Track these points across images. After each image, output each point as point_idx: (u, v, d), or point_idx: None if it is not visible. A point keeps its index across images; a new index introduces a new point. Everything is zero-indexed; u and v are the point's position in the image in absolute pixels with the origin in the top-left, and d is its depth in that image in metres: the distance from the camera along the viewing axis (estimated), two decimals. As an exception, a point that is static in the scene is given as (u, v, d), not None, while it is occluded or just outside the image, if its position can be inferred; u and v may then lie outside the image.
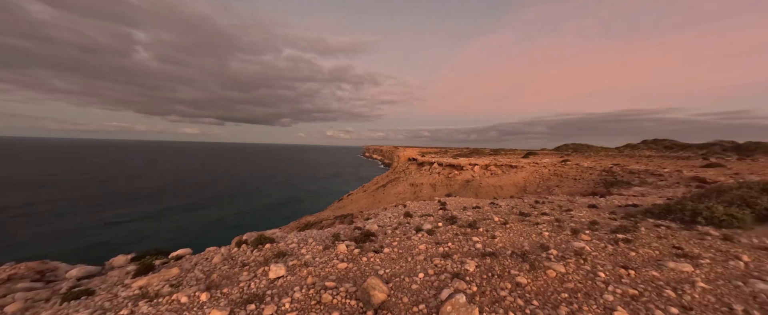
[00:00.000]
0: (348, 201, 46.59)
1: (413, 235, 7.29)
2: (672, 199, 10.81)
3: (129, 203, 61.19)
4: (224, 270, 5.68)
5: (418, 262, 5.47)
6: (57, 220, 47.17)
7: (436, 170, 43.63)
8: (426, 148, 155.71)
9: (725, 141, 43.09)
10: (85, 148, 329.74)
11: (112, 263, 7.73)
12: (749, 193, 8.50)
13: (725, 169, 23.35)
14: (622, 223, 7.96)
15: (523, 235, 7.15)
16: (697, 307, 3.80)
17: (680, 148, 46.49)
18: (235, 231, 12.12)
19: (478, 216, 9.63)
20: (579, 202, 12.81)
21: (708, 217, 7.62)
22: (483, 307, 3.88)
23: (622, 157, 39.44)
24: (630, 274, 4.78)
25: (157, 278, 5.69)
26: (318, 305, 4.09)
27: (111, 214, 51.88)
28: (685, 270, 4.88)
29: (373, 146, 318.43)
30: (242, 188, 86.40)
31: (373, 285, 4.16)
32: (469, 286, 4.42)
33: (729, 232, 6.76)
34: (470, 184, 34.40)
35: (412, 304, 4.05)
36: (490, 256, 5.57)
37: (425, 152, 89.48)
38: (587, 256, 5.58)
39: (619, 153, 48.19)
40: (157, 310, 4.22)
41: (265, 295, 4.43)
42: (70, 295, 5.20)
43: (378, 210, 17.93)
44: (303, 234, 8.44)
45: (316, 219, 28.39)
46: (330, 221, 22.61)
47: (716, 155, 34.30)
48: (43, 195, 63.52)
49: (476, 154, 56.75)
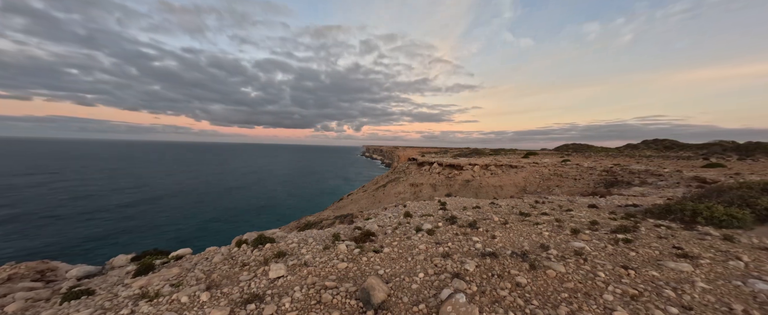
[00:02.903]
0: (348, 201, 46.57)
1: (413, 234, 7.29)
2: (672, 199, 10.81)
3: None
4: (224, 270, 5.68)
5: (418, 262, 5.47)
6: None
7: (436, 170, 43.61)
8: (426, 148, 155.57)
9: (725, 141, 43.08)
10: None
11: (112, 263, 7.73)
12: (749, 193, 8.50)
13: (726, 169, 23.34)
14: (622, 223, 7.96)
15: (523, 235, 7.15)
16: (697, 307, 3.80)
17: (680, 148, 46.48)
18: (235, 231, 12.04)
19: (478, 216, 9.63)
20: (579, 202, 12.81)
21: (708, 217, 7.62)
22: (483, 306, 3.88)
23: (622, 157, 39.42)
24: (630, 274, 4.78)
25: (158, 278, 5.70)
26: (318, 305, 4.09)
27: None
28: (685, 270, 4.88)
29: (373, 146, 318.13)
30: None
31: (373, 285, 4.16)
32: (469, 285, 4.42)
33: (729, 232, 6.76)
34: (470, 184, 34.39)
35: (412, 303, 4.05)
36: (490, 256, 5.57)
37: (425, 152, 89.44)
38: (587, 255, 5.58)
39: (619, 153, 48.18)
40: (157, 310, 4.22)
41: (266, 294, 4.43)
42: (70, 294, 5.20)
43: (378, 210, 17.94)
44: (303, 234, 8.44)
45: (316, 219, 28.40)
46: (330, 221, 22.61)
47: (717, 155, 34.28)
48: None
49: (476, 154, 56.72)
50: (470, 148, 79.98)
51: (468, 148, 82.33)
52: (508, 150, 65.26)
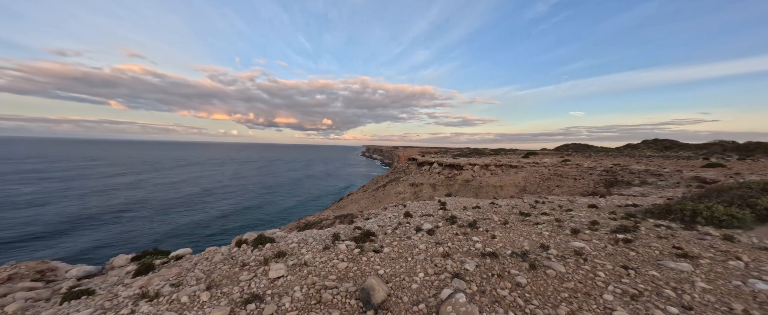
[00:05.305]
0: (348, 201, 46.56)
1: (413, 234, 7.29)
2: (672, 199, 10.81)
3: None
4: (224, 270, 5.68)
5: (418, 262, 5.47)
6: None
7: (436, 170, 43.61)
8: (426, 148, 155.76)
9: (726, 141, 43.10)
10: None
11: (112, 263, 7.74)
12: (749, 193, 8.49)
13: (726, 169, 23.36)
14: (622, 223, 7.96)
15: (523, 235, 7.15)
16: (697, 307, 3.80)
17: (680, 148, 46.50)
18: (235, 231, 12.04)
19: (478, 216, 9.63)
20: (579, 202, 12.81)
21: (708, 217, 7.62)
22: (483, 306, 3.88)
23: (622, 157, 39.45)
24: (630, 273, 4.78)
25: (158, 278, 5.71)
26: (318, 305, 4.10)
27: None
28: (685, 270, 4.88)
29: (373, 146, 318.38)
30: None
31: (373, 284, 4.16)
32: (468, 285, 4.42)
33: (729, 232, 6.76)
34: (470, 184, 34.39)
35: (412, 303, 4.05)
36: (490, 256, 5.57)
37: (425, 152, 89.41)
38: (587, 255, 5.58)
39: (619, 153, 48.22)
40: (157, 310, 4.22)
41: (266, 294, 4.44)
42: (70, 294, 5.20)
43: (378, 210, 17.94)
44: (303, 234, 8.44)
45: (316, 219, 28.38)
46: (330, 221, 22.61)
47: (717, 155, 34.29)
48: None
49: (476, 154, 56.73)
50: (470, 148, 79.96)
51: (468, 148, 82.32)
52: (508, 150, 65.29)
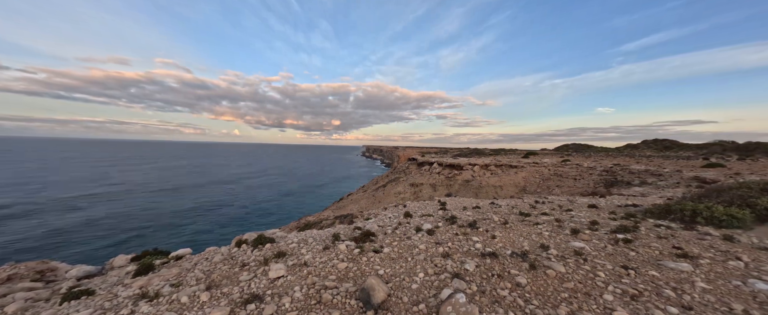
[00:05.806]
0: (348, 201, 46.55)
1: (413, 234, 7.29)
2: (672, 199, 10.82)
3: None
4: (224, 270, 5.68)
5: (418, 262, 5.47)
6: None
7: (436, 170, 43.62)
8: (426, 148, 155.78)
9: (726, 141, 43.10)
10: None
11: (112, 263, 7.74)
12: (749, 193, 8.50)
13: (725, 169, 23.36)
14: (622, 223, 7.96)
15: (523, 235, 7.15)
16: (697, 307, 3.80)
17: (680, 148, 46.50)
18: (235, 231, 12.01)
19: (478, 216, 9.63)
20: (579, 202, 12.81)
21: (708, 217, 7.62)
22: (483, 306, 3.88)
23: (622, 157, 39.44)
24: (630, 274, 4.78)
25: (158, 278, 5.70)
26: (318, 305, 4.10)
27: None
28: (685, 270, 4.88)
29: (373, 146, 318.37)
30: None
31: (373, 285, 4.16)
32: (468, 285, 4.42)
33: (729, 232, 6.76)
34: (470, 184, 34.39)
35: (412, 303, 4.05)
36: (490, 256, 5.57)
37: (425, 152, 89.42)
38: (587, 255, 5.58)
39: (619, 153, 48.21)
40: (157, 310, 4.22)
41: (266, 294, 4.44)
42: (70, 295, 5.20)
43: (378, 210, 17.93)
44: (303, 234, 8.44)
45: (316, 219, 28.37)
46: (330, 221, 22.60)
47: (716, 155, 34.30)
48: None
49: (476, 154, 56.73)
50: (470, 148, 79.95)
51: (468, 148, 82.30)
52: (508, 150, 65.29)
